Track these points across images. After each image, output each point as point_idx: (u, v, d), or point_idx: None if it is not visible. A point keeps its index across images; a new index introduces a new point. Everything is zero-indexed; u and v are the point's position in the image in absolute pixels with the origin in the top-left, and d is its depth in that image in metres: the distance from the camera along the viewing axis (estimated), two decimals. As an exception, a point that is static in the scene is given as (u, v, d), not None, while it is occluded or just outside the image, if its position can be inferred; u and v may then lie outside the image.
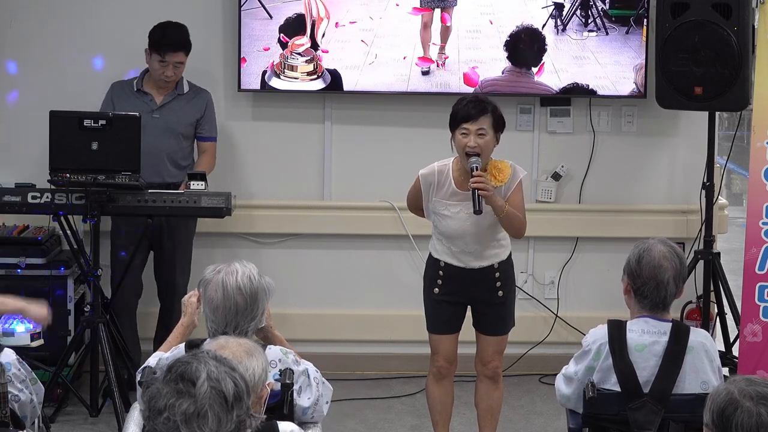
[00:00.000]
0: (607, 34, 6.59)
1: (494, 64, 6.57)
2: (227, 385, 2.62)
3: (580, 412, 4.07)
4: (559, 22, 6.58)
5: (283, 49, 6.50)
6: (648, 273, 3.97)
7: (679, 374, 3.93)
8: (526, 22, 6.59)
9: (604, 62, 6.59)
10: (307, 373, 3.90)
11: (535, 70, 6.59)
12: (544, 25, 6.57)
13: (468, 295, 5.13)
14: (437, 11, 6.55)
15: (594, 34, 6.59)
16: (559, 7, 6.56)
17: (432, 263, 5.18)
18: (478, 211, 4.88)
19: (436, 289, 5.13)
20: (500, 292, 5.12)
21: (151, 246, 6.19)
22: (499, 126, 4.99)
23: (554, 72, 6.59)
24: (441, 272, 5.12)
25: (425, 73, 6.56)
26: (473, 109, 4.93)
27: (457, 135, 4.96)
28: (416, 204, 5.22)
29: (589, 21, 6.59)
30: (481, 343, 5.22)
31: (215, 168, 6.39)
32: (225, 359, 2.69)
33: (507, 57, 6.58)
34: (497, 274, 5.11)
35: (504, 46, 6.58)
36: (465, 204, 4.98)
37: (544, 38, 6.57)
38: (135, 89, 6.16)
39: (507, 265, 5.16)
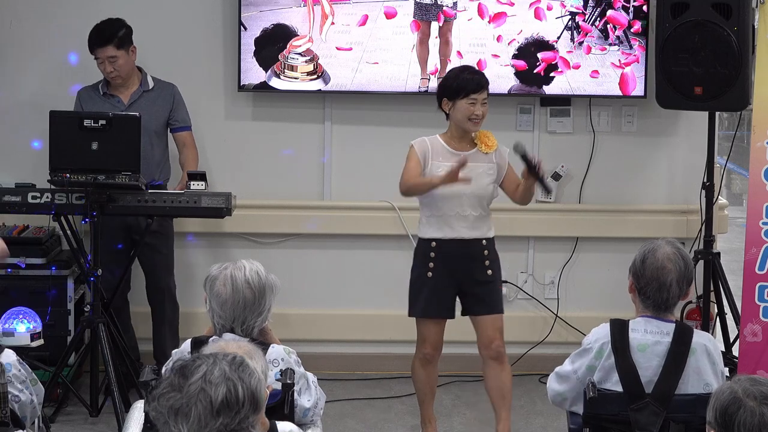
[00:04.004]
0: (630, 47, 6.46)
1: (500, 83, 6.39)
2: (218, 389, 2.59)
3: (576, 412, 4.07)
4: (575, 35, 6.39)
5: (259, 63, 6.44)
6: (651, 274, 3.97)
7: (681, 375, 3.93)
8: (536, 35, 6.40)
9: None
10: (306, 376, 3.92)
11: (545, 88, 6.44)
12: (558, 38, 6.41)
13: (460, 274, 5.30)
14: (434, 25, 6.39)
15: (616, 47, 6.46)
16: (575, 17, 6.33)
17: (422, 245, 5.35)
18: (550, 191, 5.42)
19: (429, 272, 5.30)
20: (489, 271, 5.34)
21: (133, 246, 6.10)
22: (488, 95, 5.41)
23: (570, 91, 6.48)
24: (432, 253, 5.29)
25: (424, 92, 6.43)
26: (479, 81, 5.32)
27: (462, 104, 5.26)
28: (418, 172, 5.29)
29: (611, 33, 6.40)
30: (480, 324, 5.38)
31: (215, 168, 6.37)
32: (245, 367, 2.65)
33: (514, 74, 6.43)
34: (486, 252, 5.32)
35: (511, 61, 6.42)
36: None
37: (556, 52, 6.40)
38: (101, 93, 6.11)
39: (493, 245, 5.37)
